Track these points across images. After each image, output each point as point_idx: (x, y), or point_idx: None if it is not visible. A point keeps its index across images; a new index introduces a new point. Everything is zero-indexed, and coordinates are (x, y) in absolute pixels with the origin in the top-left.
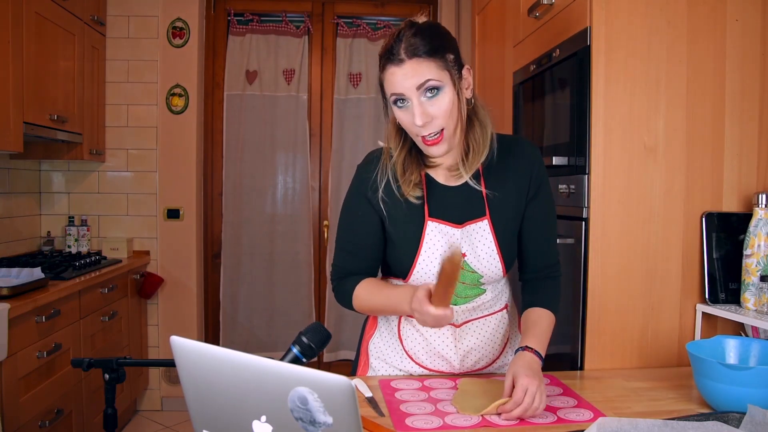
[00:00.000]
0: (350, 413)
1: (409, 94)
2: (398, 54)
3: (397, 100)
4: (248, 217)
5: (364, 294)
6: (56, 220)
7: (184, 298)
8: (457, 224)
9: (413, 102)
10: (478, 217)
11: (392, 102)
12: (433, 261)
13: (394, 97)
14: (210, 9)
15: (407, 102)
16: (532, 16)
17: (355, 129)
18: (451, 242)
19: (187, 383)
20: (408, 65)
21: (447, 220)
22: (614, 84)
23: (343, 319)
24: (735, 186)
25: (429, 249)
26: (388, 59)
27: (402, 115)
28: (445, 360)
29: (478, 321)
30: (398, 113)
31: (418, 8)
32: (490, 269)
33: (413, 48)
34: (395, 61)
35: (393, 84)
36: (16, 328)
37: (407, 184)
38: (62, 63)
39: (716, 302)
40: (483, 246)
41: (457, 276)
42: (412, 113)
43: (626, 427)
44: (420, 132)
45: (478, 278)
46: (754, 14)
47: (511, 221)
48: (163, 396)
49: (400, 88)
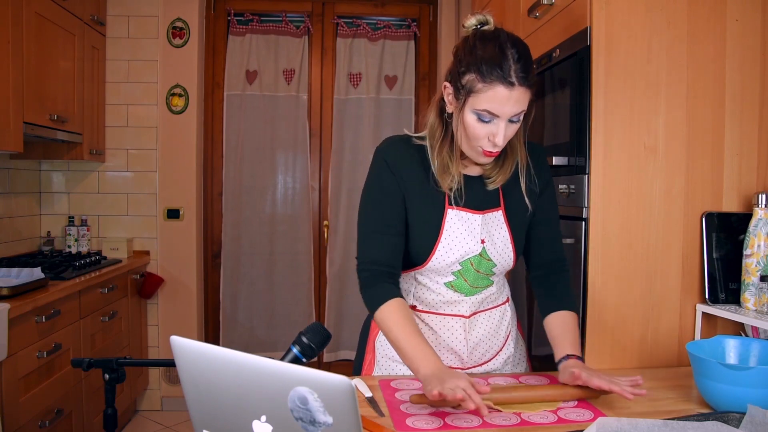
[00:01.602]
0: (350, 413)
1: (502, 118)
2: (510, 76)
3: (485, 116)
4: (248, 217)
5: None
6: (56, 220)
7: (184, 298)
8: (477, 210)
9: (501, 124)
10: (494, 207)
11: (476, 113)
12: (453, 247)
13: (486, 113)
14: (210, 9)
15: (494, 120)
16: (532, 16)
17: (355, 129)
18: (472, 228)
19: (187, 383)
20: (516, 92)
21: (467, 207)
22: (614, 84)
23: (343, 319)
24: (735, 186)
25: (450, 235)
26: (498, 76)
27: (479, 127)
28: (455, 353)
29: (485, 313)
30: (475, 123)
31: (418, 8)
32: (504, 258)
33: (524, 76)
34: (506, 83)
35: (495, 102)
36: (16, 328)
37: (448, 178)
38: (62, 63)
39: (716, 302)
40: (499, 235)
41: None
42: (494, 132)
43: (626, 427)
44: (488, 146)
45: (492, 267)
46: (754, 14)
47: (522, 214)
48: (163, 396)
49: (499, 110)
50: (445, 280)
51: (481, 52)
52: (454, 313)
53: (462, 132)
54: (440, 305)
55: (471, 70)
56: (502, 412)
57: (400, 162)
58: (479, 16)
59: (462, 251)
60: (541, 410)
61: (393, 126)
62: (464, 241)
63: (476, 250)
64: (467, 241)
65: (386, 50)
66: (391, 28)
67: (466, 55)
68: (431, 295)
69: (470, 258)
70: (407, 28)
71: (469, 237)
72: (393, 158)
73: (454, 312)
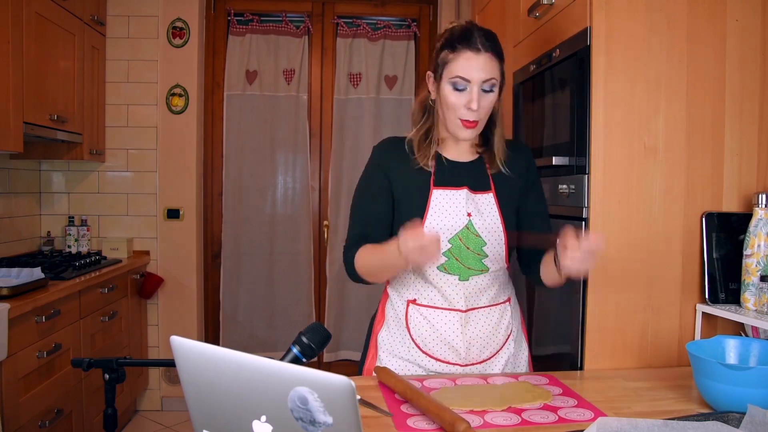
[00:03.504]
0: (350, 413)
1: (474, 83)
2: (476, 43)
3: (458, 83)
4: (248, 217)
5: (363, 253)
6: (56, 220)
7: (184, 298)
8: (461, 187)
9: (474, 89)
10: (484, 190)
11: (451, 82)
12: (440, 222)
13: (458, 80)
14: (210, 9)
15: (467, 87)
16: (532, 16)
17: (355, 129)
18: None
19: (187, 383)
20: (483, 57)
21: (451, 185)
22: (614, 84)
23: (343, 319)
24: (735, 186)
25: (435, 212)
26: (465, 44)
27: (453, 96)
28: (452, 348)
29: (482, 310)
30: (450, 93)
31: (418, 8)
32: (494, 237)
33: (490, 45)
34: (473, 48)
35: (464, 68)
36: (16, 328)
37: (424, 155)
38: (62, 63)
39: (716, 302)
40: (488, 214)
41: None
42: (469, 98)
43: (626, 427)
44: (465, 116)
45: (482, 245)
46: (754, 14)
47: (512, 198)
48: (163, 396)
49: (469, 74)
50: (438, 263)
51: (450, 33)
52: (451, 307)
53: (443, 108)
54: (437, 299)
55: (444, 47)
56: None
57: (389, 155)
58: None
59: (448, 224)
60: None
61: (393, 126)
62: (449, 215)
63: (462, 223)
64: (452, 215)
65: (386, 50)
66: (391, 28)
67: (440, 39)
68: (428, 287)
69: (459, 233)
70: (407, 28)
71: (454, 211)
72: (382, 152)
73: (450, 306)
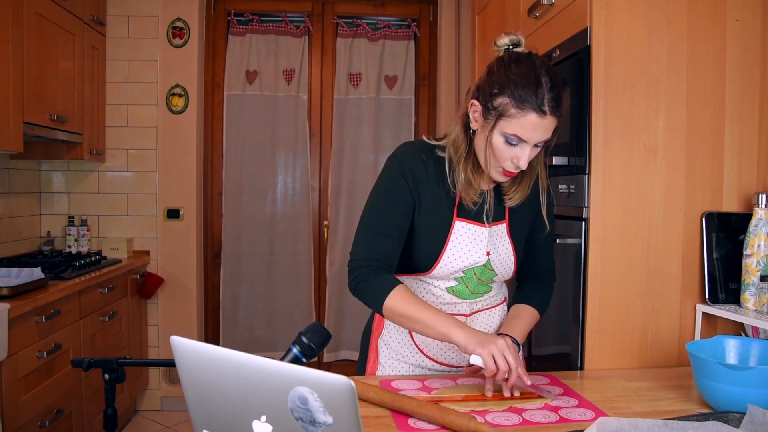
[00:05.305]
0: (350, 413)
1: (530, 143)
2: (543, 105)
3: (513, 139)
4: (248, 217)
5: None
6: (56, 220)
7: (184, 298)
8: (484, 224)
9: (527, 148)
10: (498, 221)
11: (505, 136)
12: (458, 257)
13: (515, 138)
14: (210, 9)
15: (520, 144)
16: (532, 16)
17: (355, 129)
18: (479, 240)
19: (187, 383)
20: (548, 121)
21: (475, 219)
22: (614, 84)
23: (343, 319)
24: (735, 186)
25: (455, 246)
26: (532, 104)
27: (506, 149)
28: (456, 350)
29: (485, 312)
30: (502, 145)
31: (418, 8)
32: (505, 269)
33: (555, 106)
34: (539, 112)
35: (526, 129)
36: (16, 328)
37: (471, 192)
38: (62, 63)
39: (716, 302)
40: (502, 248)
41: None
42: (519, 156)
43: (626, 427)
44: (510, 168)
45: (493, 276)
46: (754, 14)
47: (523, 228)
48: (163, 396)
49: (528, 136)
50: (447, 285)
51: (516, 77)
52: (455, 312)
53: (488, 151)
54: (440, 306)
55: (505, 93)
56: (500, 411)
57: (417, 171)
58: (512, 36)
59: (467, 261)
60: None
61: (393, 126)
62: (470, 252)
63: (481, 261)
64: (473, 252)
65: (386, 50)
66: (391, 28)
67: (500, 76)
68: (431, 298)
69: (474, 267)
70: (407, 28)
71: (475, 249)
72: (410, 166)
73: (454, 312)
